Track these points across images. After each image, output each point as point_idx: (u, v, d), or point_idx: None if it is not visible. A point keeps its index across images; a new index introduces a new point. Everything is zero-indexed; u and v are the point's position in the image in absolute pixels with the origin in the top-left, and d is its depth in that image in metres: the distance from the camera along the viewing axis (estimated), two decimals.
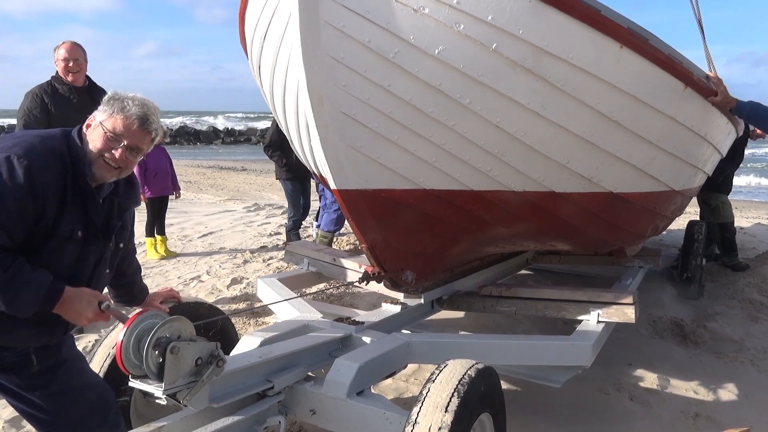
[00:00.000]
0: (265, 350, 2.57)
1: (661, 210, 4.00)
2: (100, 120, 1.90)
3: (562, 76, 2.69)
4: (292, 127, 3.01)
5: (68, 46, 4.09)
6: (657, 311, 4.79)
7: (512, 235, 3.51)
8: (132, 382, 1.98)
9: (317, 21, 2.45)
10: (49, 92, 4.02)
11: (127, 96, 1.93)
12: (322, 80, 2.54)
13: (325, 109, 2.60)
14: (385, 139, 2.73)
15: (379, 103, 2.64)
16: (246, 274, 5.91)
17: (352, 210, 2.87)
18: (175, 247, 7.02)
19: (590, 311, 3.24)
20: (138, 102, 1.92)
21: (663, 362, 4.00)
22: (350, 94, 2.60)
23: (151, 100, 1.98)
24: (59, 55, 4.07)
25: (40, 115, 3.96)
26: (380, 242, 3.01)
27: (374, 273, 3.14)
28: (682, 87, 3.16)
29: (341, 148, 2.70)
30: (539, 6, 2.54)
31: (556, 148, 2.94)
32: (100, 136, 1.90)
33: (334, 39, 2.49)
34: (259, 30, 2.84)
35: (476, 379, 2.18)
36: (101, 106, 1.94)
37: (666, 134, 3.27)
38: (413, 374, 3.71)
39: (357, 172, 2.78)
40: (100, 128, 1.90)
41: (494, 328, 4.49)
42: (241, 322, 4.53)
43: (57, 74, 4.10)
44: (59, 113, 3.96)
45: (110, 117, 1.90)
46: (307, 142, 2.86)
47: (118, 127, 1.90)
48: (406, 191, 2.90)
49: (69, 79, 4.07)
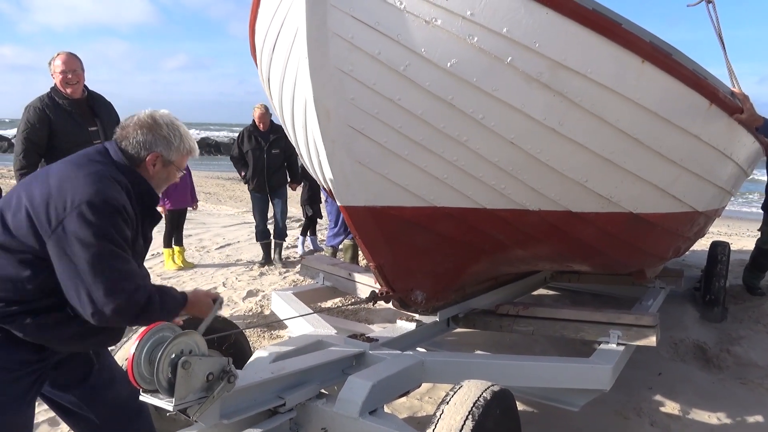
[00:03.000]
0: (278, 366, 2.56)
1: (683, 231, 3.88)
2: (173, 160, 2.07)
3: (581, 91, 2.61)
4: (300, 140, 2.96)
5: (64, 58, 3.94)
6: (679, 334, 4.67)
7: (527, 255, 3.42)
8: (143, 396, 1.97)
9: (325, 32, 2.39)
10: (49, 105, 3.91)
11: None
12: (330, 93, 2.48)
13: (332, 123, 2.54)
14: (394, 154, 2.66)
15: (389, 118, 2.58)
16: (262, 286, 5.93)
17: (359, 227, 2.81)
18: (193, 258, 7.07)
19: (610, 333, 3.17)
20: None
21: (685, 387, 3.89)
22: (359, 108, 2.54)
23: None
24: (56, 67, 3.92)
25: (41, 127, 3.87)
26: (389, 261, 2.94)
27: (382, 292, 3.06)
28: (707, 104, 3.07)
29: (348, 164, 2.64)
30: (556, 19, 2.46)
31: (574, 165, 2.86)
32: (173, 173, 2.10)
33: (342, 51, 2.43)
34: (268, 41, 2.80)
35: (492, 401, 2.14)
36: (164, 141, 2.03)
37: (689, 153, 3.17)
38: (427, 393, 3.65)
39: (365, 189, 2.72)
40: (172, 167, 2.08)
41: (511, 347, 4.42)
42: (255, 335, 4.52)
43: (55, 86, 3.97)
44: (59, 126, 3.89)
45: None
46: (315, 156, 2.81)
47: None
48: (415, 209, 2.83)
49: (68, 92, 3.94)
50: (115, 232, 1.82)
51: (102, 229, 1.78)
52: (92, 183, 1.82)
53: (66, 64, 3.92)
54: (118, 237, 1.82)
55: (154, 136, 2.00)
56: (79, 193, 1.79)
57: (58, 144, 3.88)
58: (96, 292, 1.77)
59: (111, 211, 1.81)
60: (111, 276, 1.79)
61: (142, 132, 1.99)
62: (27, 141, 3.89)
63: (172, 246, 6.66)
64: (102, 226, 1.78)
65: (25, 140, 3.90)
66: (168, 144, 2.02)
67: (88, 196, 1.79)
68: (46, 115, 3.88)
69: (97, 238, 1.77)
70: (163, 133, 2.01)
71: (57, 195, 1.80)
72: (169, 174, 2.08)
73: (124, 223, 1.85)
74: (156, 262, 6.77)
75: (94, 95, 4.16)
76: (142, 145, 1.99)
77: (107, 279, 1.78)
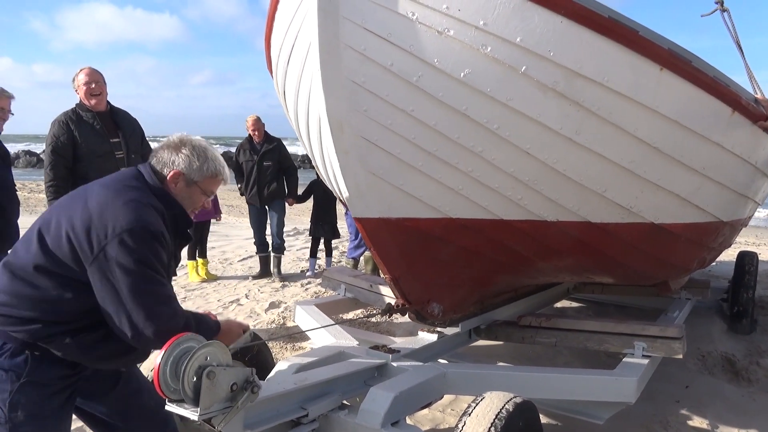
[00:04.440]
0: (301, 377, 2.57)
1: (707, 242, 3.79)
2: (196, 180, 2.09)
3: (597, 100, 2.57)
4: (316, 153, 2.96)
5: (87, 71, 4.13)
6: (706, 346, 4.58)
7: (546, 267, 3.37)
8: (169, 406, 2.00)
9: (337, 44, 2.39)
10: (74, 119, 4.06)
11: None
12: (342, 105, 2.48)
13: (345, 135, 2.53)
14: (408, 165, 2.65)
15: (402, 129, 2.56)
16: (284, 298, 5.97)
17: (374, 239, 2.79)
18: (216, 270, 7.15)
19: (635, 345, 3.13)
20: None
21: (713, 400, 3.81)
22: (372, 119, 2.53)
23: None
24: (80, 81, 4.09)
25: (67, 141, 4.00)
26: (404, 273, 2.91)
27: (398, 305, 3.03)
28: (729, 111, 3.02)
29: (362, 175, 2.63)
30: (572, 27, 2.43)
31: (592, 175, 2.82)
32: (197, 194, 2.12)
33: (355, 62, 2.42)
34: (283, 54, 2.80)
35: (514, 413, 2.13)
36: (187, 159, 2.07)
37: (711, 161, 3.10)
38: (450, 404, 3.63)
39: (379, 200, 2.70)
40: (197, 188, 2.10)
41: (534, 359, 4.37)
42: (278, 347, 4.55)
43: (80, 102, 4.14)
44: (84, 140, 4.02)
45: (206, 179, 2.11)
46: (330, 169, 2.81)
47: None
48: (430, 220, 2.81)
49: (92, 103, 4.08)
50: (154, 258, 1.88)
51: (142, 255, 1.84)
52: (132, 210, 1.88)
53: (89, 76, 4.10)
54: (156, 263, 1.89)
55: (177, 155, 2.07)
56: (120, 220, 1.85)
57: (81, 154, 4.02)
58: (137, 316, 1.84)
59: (150, 238, 1.87)
60: (150, 300, 1.86)
61: (168, 151, 2.08)
62: (54, 154, 4.02)
63: (196, 258, 6.75)
64: (142, 252, 1.84)
65: (52, 153, 4.04)
66: (189, 163, 2.07)
67: (129, 224, 1.85)
68: (69, 128, 4.03)
69: (138, 264, 1.83)
70: (186, 152, 2.07)
71: (98, 222, 1.86)
72: (193, 195, 2.11)
73: (162, 249, 1.92)
74: (180, 274, 6.86)
75: (117, 109, 4.31)
76: (164, 162, 2.07)
77: (147, 303, 1.85)
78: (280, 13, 2.72)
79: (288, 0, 2.59)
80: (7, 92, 3.58)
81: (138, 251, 1.84)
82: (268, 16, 2.85)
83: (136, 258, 1.83)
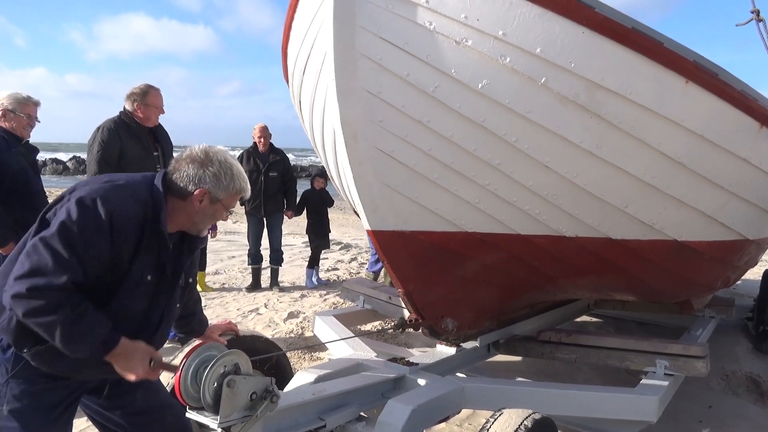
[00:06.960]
0: (319, 387, 2.58)
1: (732, 261, 3.71)
2: (221, 199, 1.99)
3: (620, 113, 2.52)
4: (330, 163, 2.93)
5: (160, 96, 4.27)
6: (730, 365, 4.48)
7: (565, 283, 3.32)
8: (189, 413, 2.03)
9: (353, 53, 2.35)
10: (122, 127, 4.14)
11: (239, 172, 2.02)
12: (357, 115, 2.44)
13: (359, 145, 2.49)
14: (423, 178, 2.61)
15: (418, 140, 2.52)
16: (303, 308, 5.99)
17: (387, 252, 2.74)
18: (236, 280, 7.19)
19: (656, 363, 3.07)
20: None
21: (737, 421, 3.72)
22: (387, 130, 2.49)
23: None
24: (152, 101, 4.19)
25: (113, 147, 4.07)
26: (418, 287, 2.86)
27: (411, 320, 2.98)
28: (757, 126, 2.94)
29: (376, 187, 2.59)
30: (593, 38, 2.37)
31: (613, 190, 2.76)
32: (219, 211, 2.02)
33: (370, 72, 2.39)
34: (299, 63, 2.79)
35: (533, 430, 2.11)
36: (215, 178, 1.95)
37: (738, 178, 3.04)
38: (467, 419, 3.59)
39: (393, 213, 2.66)
40: (219, 205, 2.00)
41: (553, 375, 4.32)
42: (297, 357, 4.56)
43: (126, 110, 4.20)
44: (129, 149, 4.10)
45: (230, 196, 2.02)
46: (345, 179, 2.77)
47: (235, 203, 2.08)
48: (446, 234, 2.76)
49: (151, 122, 4.23)
50: (91, 233, 1.72)
51: (77, 224, 1.71)
52: (105, 188, 1.81)
53: (160, 100, 4.27)
54: (83, 239, 1.71)
55: (204, 172, 1.94)
56: (86, 190, 1.79)
57: (125, 164, 4.05)
58: (18, 270, 1.68)
59: (100, 214, 1.74)
60: (40, 262, 1.67)
61: (194, 166, 1.94)
62: (102, 161, 4.05)
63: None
64: (80, 221, 1.71)
65: (100, 160, 4.06)
66: (217, 181, 1.95)
67: (90, 193, 1.77)
68: (118, 137, 4.09)
69: (64, 225, 1.70)
70: (213, 169, 1.95)
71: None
72: (216, 212, 2.01)
73: (108, 233, 1.75)
74: None
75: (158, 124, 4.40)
76: (190, 179, 1.93)
77: (35, 262, 1.67)
78: (296, 21, 2.71)
79: (305, 9, 2.58)
80: (33, 99, 3.62)
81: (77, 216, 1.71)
82: (285, 24, 2.84)
83: (70, 219, 1.71)
